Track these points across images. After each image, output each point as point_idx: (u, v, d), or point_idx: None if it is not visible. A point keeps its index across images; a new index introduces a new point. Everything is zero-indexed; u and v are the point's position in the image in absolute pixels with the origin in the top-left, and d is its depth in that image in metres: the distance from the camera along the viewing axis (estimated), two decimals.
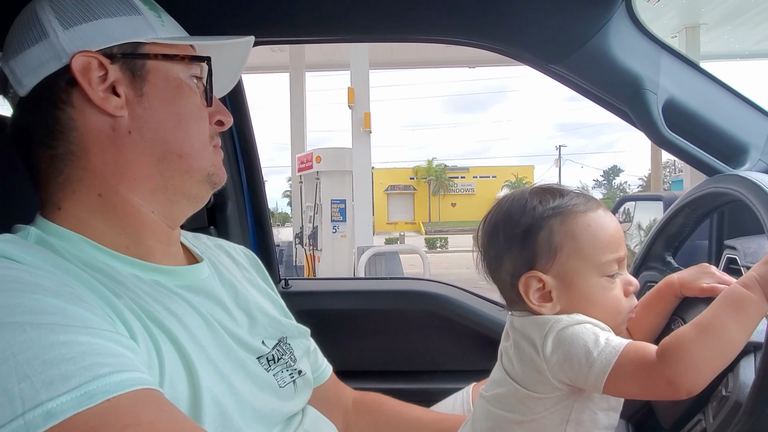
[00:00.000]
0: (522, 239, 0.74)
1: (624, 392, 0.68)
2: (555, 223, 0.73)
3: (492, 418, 0.78)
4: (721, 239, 1.14)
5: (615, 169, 71.69)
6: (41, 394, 0.45)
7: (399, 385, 1.49)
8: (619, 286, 0.73)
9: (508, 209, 0.77)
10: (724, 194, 0.83)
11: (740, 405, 0.58)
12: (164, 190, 0.70)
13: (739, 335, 0.60)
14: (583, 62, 0.97)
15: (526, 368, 0.73)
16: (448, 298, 1.52)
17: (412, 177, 46.99)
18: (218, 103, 0.77)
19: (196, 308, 0.69)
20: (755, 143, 0.96)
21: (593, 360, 0.65)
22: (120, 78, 0.67)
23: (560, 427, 0.72)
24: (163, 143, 0.69)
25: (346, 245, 9.27)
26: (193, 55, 0.73)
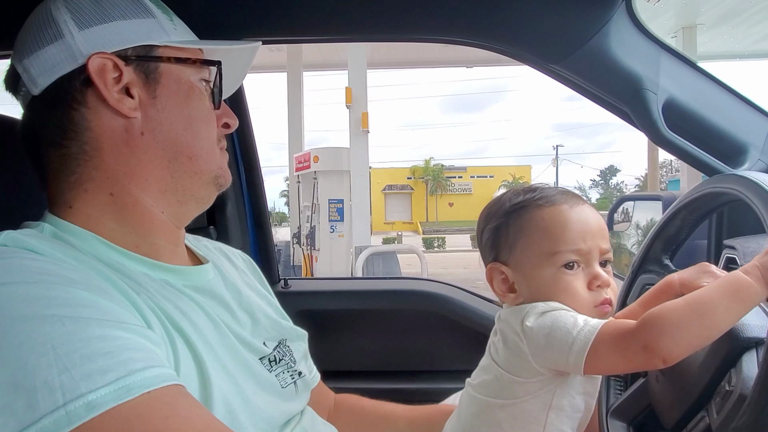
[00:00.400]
0: (490, 233, 0.81)
1: (604, 365, 0.69)
2: (512, 218, 0.79)
3: (476, 403, 0.80)
4: (720, 239, 1.15)
5: (612, 169, 71.87)
6: (81, 386, 0.47)
7: (397, 385, 1.50)
8: (580, 279, 0.75)
9: (488, 206, 0.84)
10: (724, 194, 0.83)
11: (745, 397, 0.58)
12: (174, 191, 0.72)
13: (726, 316, 0.61)
14: (584, 62, 0.97)
15: (511, 354, 0.75)
16: (446, 297, 1.53)
17: (410, 177, 47.05)
18: (225, 106, 0.79)
19: (203, 308, 0.69)
20: (754, 143, 0.96)
21: (573, 339, 0.67)
22: (134, 80, 0.68)
23: (542, 412, 0.74)
24: (174, 145, 0.70)
25: (344, 245, 9.27)
26: (203, 59, 0.75)
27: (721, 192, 0.83)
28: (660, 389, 0.81)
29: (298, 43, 9.82)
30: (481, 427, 0.80)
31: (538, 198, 0.79)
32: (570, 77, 1.05)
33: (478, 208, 0.91)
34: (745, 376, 0.61)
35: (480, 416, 0.80)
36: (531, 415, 0.75)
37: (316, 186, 9.38)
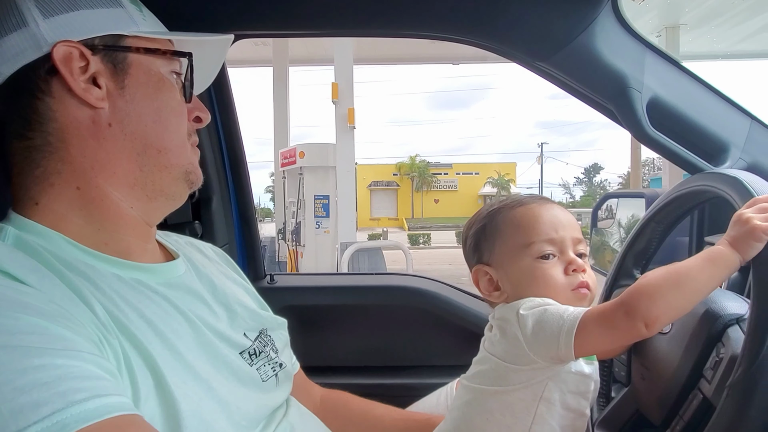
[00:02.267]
0: (472, 239, 0.87)
1: (594, 342, 0.72)
2: (489, 221, 0.85)
3: (471, 391, 0.83)
4: (702, 236, 1.17)
5: (596, 167, 72.52)
6: (10, 424, 0.43)
7: (383, 380, 1.50)
8: (556, 266, 0.80)
9: (470, 218, 0.90)
10: (705, 191, 0.84)
11: (736, 357, 0.62)
12: (143, 185, 0.70)
13: (704, 281, 0.67)
14: (570, 60, 0.98)
15: (508, 344, 0.78)
16: (431, 293, 1.53)
17: (396, 173, 47.02)
18: (197, 100, 0.77)
19: (177, 306, 0.68)
20: (736, 142, 0.98)
21: (563, 321, 0.71)
22: (101, 69, 0.66)
23: (533, 403, 0.77)
24: (143, 137, 0.68)
25: (329, 241, 9.26)
26: (174, 50, 0.73)
27: (703, 190, 0.85)
28: (646, 387, 0.82)
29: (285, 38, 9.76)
30: (473, 415, 0.82)
31: (510, 202, 0.86)
32: (557, 75, 1.05)
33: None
34: (734, 341, 0.67)
35: (472, 404, 0.82)
36: (522, 404, 0.77)
37: (302, 182, 9.34)
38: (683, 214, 0.95)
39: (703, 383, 0.70)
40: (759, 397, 0.58)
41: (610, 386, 0.97)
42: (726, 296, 0.76)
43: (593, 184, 70.34)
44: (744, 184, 0.72)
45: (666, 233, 0.97)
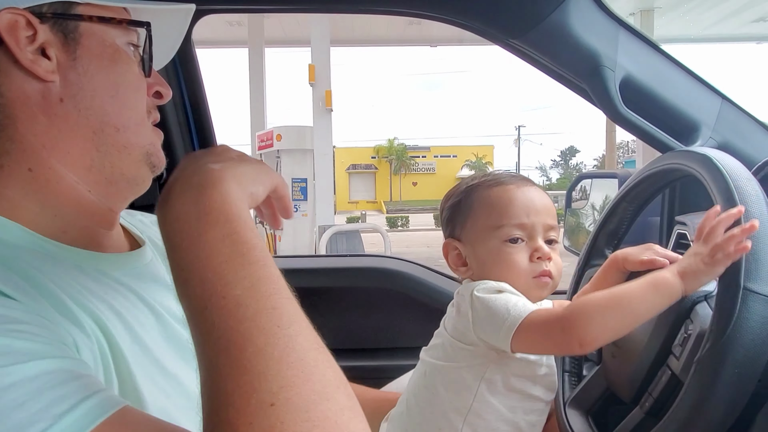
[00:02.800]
0: (447, 212, 0.88)
1: (529, 343, 0.75)
2: (465, 197, 0.86)
3: (423, 365, 0.88)
4: (672, 215, 1.18)
5: (572, 150, 73.43)
6: None
7: (358, 362, 1.50)
8: (523, 252, 0.81)
9: (449, 190, 0.90)
10: (676, 170, 0.84)
11: (704, 333, 0.63)
12: (101, 167, 0.64)
13: (645, 307, 0.68)
14: (543, 37, 0.97)
15: (459, 321, 0.82)
16: (407, 275, 1.53)
17: (374, 156, 46.93)
18: (156, 74, 0.72)
19: (144, 298, 0.65)
20: (706, 121, 0.98)
21: (507, 316, 0.74)
22: (50, 39, 0.61)
23: (475, 382, 0.80)
24: (99, 114, 0.63)
25: (308, 224, 9.22)
26: (130, 19, 0.67)
27: (673, 168, 0.85)
28: (617, 365, 0.83)
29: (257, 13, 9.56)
30: (421, 388, 0.85)
31: (489, 179, 0.86)
32: (530, 53, 1.04)
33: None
34: (702, 318, 0.67)
35: (423, 377, 0.86)
36: (465, 382, 0.80)
37: (279, 165, 9.25)
38: (654, 193, 0.95)
39: (672, 360, 0.71)
40: (726, 372, 0.58)
41: (581, 365, 0.98)
42: None
43: (569, 166, 71.27)
44: (714, 161, 0.72)
45: (637, 213, 0.98)
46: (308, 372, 0.40)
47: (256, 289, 0.44)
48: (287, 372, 0.40)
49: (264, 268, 0.46)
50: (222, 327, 0.42)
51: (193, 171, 0.53)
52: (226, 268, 0.45)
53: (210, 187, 0.50)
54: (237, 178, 0.53)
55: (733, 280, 0.61)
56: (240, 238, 0.47)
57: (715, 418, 0.59)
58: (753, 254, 0.61)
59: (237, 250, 0.46)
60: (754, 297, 0.59)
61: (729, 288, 0.61)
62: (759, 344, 0.58)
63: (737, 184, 0.67)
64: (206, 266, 0.45)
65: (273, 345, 0.41)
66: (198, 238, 0.47)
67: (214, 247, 0.46)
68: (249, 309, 0.43)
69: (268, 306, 0.43)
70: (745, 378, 0.58)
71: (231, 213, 0.48)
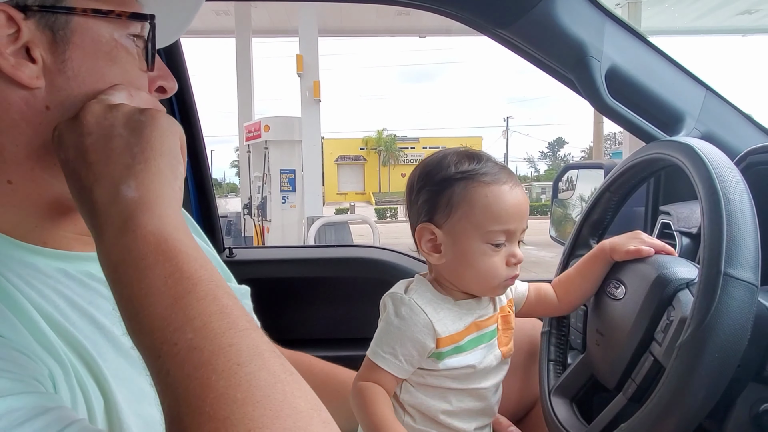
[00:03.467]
0: (429, 193, 0.83)
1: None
2: (458, 186, 0.81)
3: None
4: (657, 205, 1.19)
5: (560, 141, 73.73)
6: None
7: (347, 352, 1.50)
8: (501, 255, 0.82)
9: (427, 165, 0.85)
10: (660, 160, 0.85)
11: (686, 318, 0.64)
12: None
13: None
14: (530, 27, 0.97)
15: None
16: (395, 265, 1.53)
17: (362, 147, 46.78)
18: (162, 66, 0.65)
19: None
20: (691, 112, 0.99)
21: (375, 347, 0.84)
22: (36, 38, 0.53)
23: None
24: None
25: (296, 215, 9.19)
26: (132, 12, 0.59)
27: (657, 158, 0.86)
28: (601, 352, 0.84)
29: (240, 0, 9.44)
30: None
31: (483, 173, 0.82)
32: (517, 43, 1.04)
33: None
34: (684, 304, 0.69)
35: None
36: None
37: (267, 156, 9.19)
38: (638, 183, 0.96)
39: (655, 346, 0.72)
40: (707, 356, 0.59)
41: (566, 354, 0.99)
42: (677, 262, 0.77)
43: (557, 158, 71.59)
44: (697, 151, 0.73)
45: (621, 203, 0.99)
46: (276, 408, 0.38)
47: (208, 329, 0.41)
48: (254, 413, 0.37)
49: (214, 301, 0.43)
50: (178, 375, 0.39)
51: (109, 200, 0.47)
52: (173, 311, 0.42)
53: (136, 228, 0.45)
54: (161, 197, 0.48)
55: (713, 266, 0.62)
56: (183, 275, 0.44)
57: (696, 402, 0.60)
58: (733, 241, 0.62)
59: (182, 289, 0.43)
60: (734, 282, 0.60)
61: (710, 274, 0.62)
62: (739, 329, 0.60)
63: (719, 173, 0.68)
64: (152, 314, 0.42)
65: (235, 387, 0.38)
66: (139, 284, 0.43)
67: (157, 291, 0.43)
68: (204, 352, 0.40)
69: (224, 344, 0.40)
70: (725, 362, 0.60)
71: (169, 250, 0.45)
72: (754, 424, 0.64)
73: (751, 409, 0.64)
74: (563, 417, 0.87)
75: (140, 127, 0.52)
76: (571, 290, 0.91)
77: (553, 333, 0.99)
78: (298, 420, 0.38)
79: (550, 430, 0.88)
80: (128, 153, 0.50)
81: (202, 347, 0.40)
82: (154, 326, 0.42)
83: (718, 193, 0.66)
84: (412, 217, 0.87)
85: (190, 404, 0.38)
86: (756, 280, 0.61)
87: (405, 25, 12.10)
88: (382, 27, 12.70)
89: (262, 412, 0.38)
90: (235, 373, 0.39)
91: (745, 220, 0.63)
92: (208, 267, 0.46)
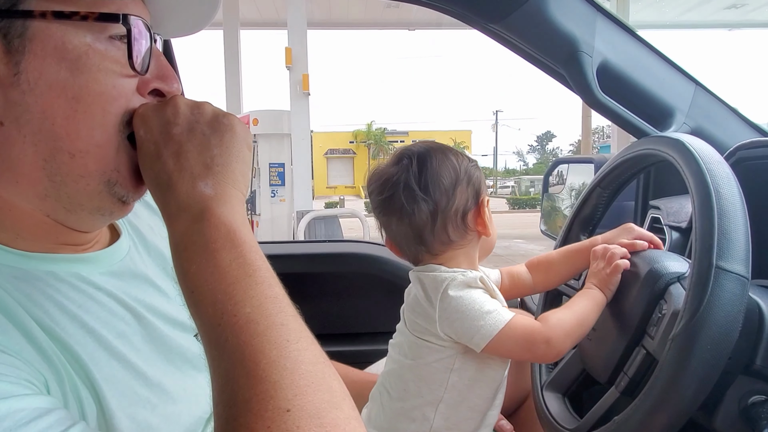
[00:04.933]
0: (465, 181, 0.86)
1: (506, 351, 0.81)
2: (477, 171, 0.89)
3: (392, 362, 0.89)
4: (647, 200, 1.20)
5: (548, 135, 74.04)
6: None
7: (338, 347, 1.50)
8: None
9: (437, 165, 0.86)
10: (650, 155, 0.86)
11: (678, 312, 0.65)
12: (56, 197, 0.55)
13: (592, 321, 0.81)
14: (522, 22, 0.97)
15: (418, 317, 0.84)
16: (386, 259, 1.53)
17: (352, 141, 46.67)
18: (162, 65, 0.59)
19: (122, 300, 0.61)
20: (680, 107, 1.00)
21: (482, 323, 0.77)
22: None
23: (444, 375, 0.82)
24: (49, 139, 0.52)
25: (285, 209, 9.15)
26: (101, 12, 0.52)
27: (648, 153, 0.86)
28: (593, 347, 0.85)
29: None
30: (393, 382, 0.87)
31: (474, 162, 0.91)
32: (509, 38, 1.04)
33: None
34: (675, 297, 0.70)
35: (392, 374, 0.88)
36: (434, 377, 0.82)
37: (256, 149, 9.13)
38: (629, 179, 0.97)
39: (647, 339, 0.72)
40: (699, 348, 0.60)
41: None
42: (668, 257, 0.78)
43: (546, 151, 71.88)
44: (688, 146, 0.73)
45: (612, 199, 1.00)
46: (318, 382, 0.43)
47: (264, 308, 0.46)
48: (300, 381, 0.42)
49: (270, 288, 0.48)
50: (235, 342, 0.43)
51: (188, 191, 0.52)
52: (235, 289, 0.46)
53: (210, 217, 0.50)
54: (233, 196, 0.53)
55: (705, 259, 0.62)
56: (246, 261, 0.48)
57: (688, 394, 0.61)
58: (725, 234, 0.63)
59: (244, 272, 0.47)
60: (726, 275, 0.61)
61: (702, 267, 0.62)
62: (730, 321, 0.60)
63: (709, 168, 0.69)
64: (216, 288, 0.46)
65: (285, 357, 0.43)
66: (206, 264, 0.48)
67: (222, 271, 0.47)
68: (259, 325, 0.44)
69: (276, 322, 0.45)
70: (717, 355, 0.60)
71: (236, 239, 0.49)
72: (742, 416, 0.65)
73: (740, 401, 0.65)
74: (556, 411, 0.87)
75: (222, 129, 0.55)
76: (551, 273, 0.95)
77: None
78: (334, 396, 0.43)
79: (543, 424, 0.89)
80: (208, 152, 0.54)
81: (258, 321, 0.44)
82: (216, 299, 0.46)
83: (710, 187, 0.66)
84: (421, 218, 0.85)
85: (245, 367, 0.42)
86: (747, 273, 0.62)
87: (395, 17, 12.05)
88: (372, 19, 12.63)
89: (306, 382, 0.42)
90: (285, 347, 0.43)
91: (736, 214, 0.64)
92: (265, 259, 0.50)
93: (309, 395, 0.41)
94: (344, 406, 0.43)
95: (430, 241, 0.85)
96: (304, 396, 0.41)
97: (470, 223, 0.86)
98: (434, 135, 49.36)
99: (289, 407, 0.40)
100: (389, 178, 0.86)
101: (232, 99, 11.54)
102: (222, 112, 0.57)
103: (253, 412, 0.40)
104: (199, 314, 0.47)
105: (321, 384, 0.43)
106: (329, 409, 0.41)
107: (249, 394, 0.41)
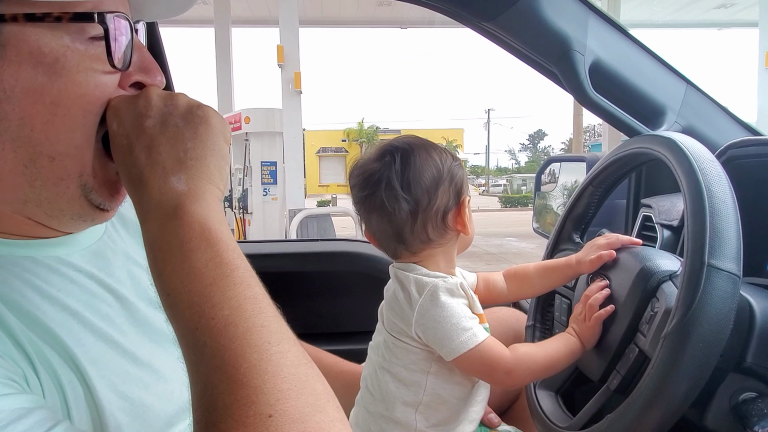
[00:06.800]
0: (448, 181, 0.85)
1: (470, 368, 0.82)
2: (460, 170, 0.88)
3: (371, 365, 0.89)
4: (638, 198, 1.21)
5: (540, 133, 74.32)
6: None
7: (331, 346, 1.49)
8: None
9: (420, 164, 0.85)
10: (642, 154, 0.86)
11: (670, 309, 0.65)
12: (37, 202, 0.54)
13: (563, 363, 0.82)
14: (515, 21, 0.97)
15: (395, 317, 0.84)
16: (378, 258, 1.53)
17: (344, 139, 46.58)
18: (144, 57, 0.58)
19: (104, 283, 0.61)
20: (672, 106, 1.00)
21: (455, 337, 0.78)
22: None
23: (422, 378, 0.82)
24: (29, 144, 0.50)
25: (278, 208, 9.12)
26: (76, 12, 0.50)
27: (640, 152, 0.86)
28: None
29: None
30: (374, 384, 0.87)
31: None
32: (502, 36, 1.04)
33: None
34: (667, 295, 0.70)
35: (372, 377, 0.88)
36: (412, 379, 0.82)
37: (248, 148, 9.09)
38: (621, 178, 0.97)
39: (639, 337, 0.73)
40: (692, 346, 0.60)
41: None
42: (659, 255, 0.78)
43: (538, 149, 72.16)
44: (679, 145, 0.73)
45: (604, 197, 1.00)
46: (301, 385, 0.41)
47: (243, 309, 0.44)
48: (282, 385, 0.41)
49: (249, 288, 0.46)
50: (214, 346, 0.42)
51: (160, 187, 0.49)
52: (212, 290, 0.45)
53: (184, 215, 0.48)
54: (207, 192, 0.50)
55: (697, 257, 0.63)
56: (223, 261, 0.46)
57: (681, 391, 0.61)
58: (717, 232, 0.63)
59: (221, 273, 0.46)
60: (718, 273, 0.61)
61: (694, 265, 0.63)
62: (722, 319, 0.61)
63: (701, 166, 0.69)
64: (192, 290, 0.45)
65: (266, 361, 0.42)
66: (181, 265, 0.46)
67: (197, 272, 0.45)
68: (239, 328, 0.43)
69: (256, 324, 0.44)
70: (709, 352, 0.61)
71: (211, 238, 0.47)
72: (733, 412, 0.65)
73: (731, 398, 0.66)
74: (548, 409, 0.88)
75: (196, 122, 0.53)
76: (524, 286, 0.96)
77: (537, 327, 1.01)
78: (318, 399, 0.42)
79: (536, 422, 0.89)
80: (181, 146, 0.51)
81: (237, 323, 0.43)
82: (193, 302, 0.44)
83: (701, 186, 0.67)
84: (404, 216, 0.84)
85: (225, 372, 0.41)
86: (738, 271, 0.62)
87: (387, 16, 12.03)
88: (364, 17, 12.61)
89: (288, 386, 0.41)
90: (267, 349, 0.42)
91: (728, 212, 0.64)
92: (243, 257, 0.48)
93: (292, 399, 0.40)
94: (329, 409, 0.42)
95: (409, 240, 0.85)
96: (287, 400, 0.40)
97: (450, 223, 0.86)
98: (426, 133, 49.13)
99: (272, 412, 0.39)
100: (372, 175, 0.85)
101: (224, 97, 11.49)
102: (197, 103, 0.55)
103: (234, 418, 0.39)
104: (175, 318, 0.45)
105: (304, 387, 0.41)
106: (313, 413, 0.40)
107: (229, 399, 0.40)
